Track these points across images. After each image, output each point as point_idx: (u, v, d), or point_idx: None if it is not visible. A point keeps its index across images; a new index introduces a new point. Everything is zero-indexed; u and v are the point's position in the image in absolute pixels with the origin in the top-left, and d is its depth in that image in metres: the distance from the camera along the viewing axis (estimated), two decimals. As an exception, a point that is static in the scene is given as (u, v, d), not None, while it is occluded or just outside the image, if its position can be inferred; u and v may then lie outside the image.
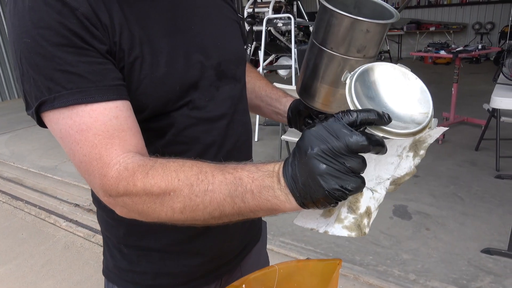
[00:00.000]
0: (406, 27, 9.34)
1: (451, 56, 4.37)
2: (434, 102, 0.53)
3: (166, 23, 0.67)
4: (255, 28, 5.08)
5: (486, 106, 3.71)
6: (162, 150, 0.67)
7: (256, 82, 0.97)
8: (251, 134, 0.85)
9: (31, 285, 2.36)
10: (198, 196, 0.53)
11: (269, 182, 0.51)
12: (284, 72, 5.22)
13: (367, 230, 0.58)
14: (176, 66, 0.66)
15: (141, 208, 0.56)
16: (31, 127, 5.59)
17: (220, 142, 0.74)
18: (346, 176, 0.47)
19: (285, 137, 3.34)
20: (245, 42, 0.88)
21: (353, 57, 0.64)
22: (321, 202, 0.48)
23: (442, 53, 4.62)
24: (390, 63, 0.56)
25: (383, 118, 0.48)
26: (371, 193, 0.60)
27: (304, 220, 0.63)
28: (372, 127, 0.49)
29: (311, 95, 0.74)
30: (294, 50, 4.55)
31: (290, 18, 4.62)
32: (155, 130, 0.68)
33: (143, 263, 0.78)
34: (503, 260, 2.22)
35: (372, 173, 0.60)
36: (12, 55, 0.59)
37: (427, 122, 0.51)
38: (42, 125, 0.61)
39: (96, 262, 2.53)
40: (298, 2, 5.70)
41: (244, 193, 0.52)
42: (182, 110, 0.68)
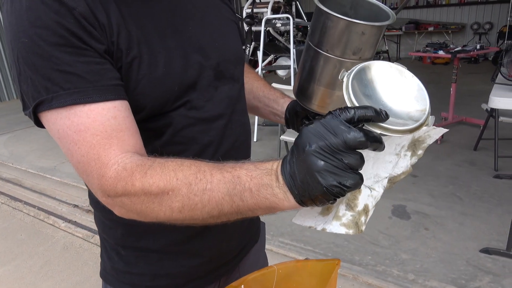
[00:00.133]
0: (405, 27, 9.36)
1: (450, 56, 4.38)
2: (432, 102, 0.54)
3: (164, 24, 0.67)
4: (254, 28, 5.09)
5: (484, 106, 3.72)
6: (160, 150, 0.67)
7: (254, 83, 0.97)
8: (250, 134, 0.85)
9: (30, 286, 2.36)
10: (196, 195, 0.53)
11: (267, 180, 0.51)
12: (283, 72, 5.22)
13: (364, 228, 0.58)
14: (174, 66, 0.66)
15: (139, 208, 0.56)
16: (30, 128, 5.58)
17: (217, 142, 0.74)
18: (344, 172, 0.46)
19: (284, 137, 3.34)
20: (243, 43, 0.87)
21: (349, 59, 0.64)
22: (319, 199, 0.48)
23: (441, 53, 4.64)
24: (387, 62, 0.56)
25: (381, 115, 0.48)
26: (369, 191, 0.60)
27: (302, 218, 0.63)
28: (369, 124, 0.49)
29: (308, 97, 0.74)
30: (292, 51, 4.55)
31: (288, 19, 4.62)
32: (153, 130, 0.68)
33: (141, 264, 0.77)
34: (502, 259, 2.22)
35: (370, 171, 0.60)
36: (9, 55, 0.59)
37: (424, 119, 0.51)
38: (39, 125, 0.60)
39: (95, 263, 2.53)
40: (297, 2, 5.71)
41: (242, 191, 0.52)
42: (180, 110, 0.68)
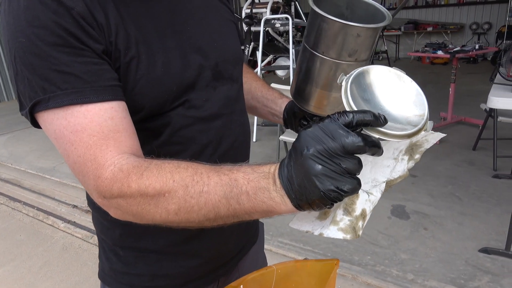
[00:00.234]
0: (404, 27, 9.37)
1: (449, 56, 4.39)
2: (431, 102, 0.53)
3: (164, 24, 0.66)
4: (253, 28, 5.09)
5: (483, 106, 3.72)
6: (158, 151, 0.67)
7: (252, 83, 0.97)
8: (249, 134, 0.85)
9: (29, 286, 2.35)
10: (193, 197, 0.53)
11: (264, 183, 0.50)
12: (282, 72, 5.23)
13: (361, 233, 0.58)
14: (173, 66, 0.66)
15: (135, 209, 0.55)
16: (29, 129, 5.57)
17: (216, 142, 0.73)
18: (341, 177, 0.46)
19: (283, 137, 3.34)
20: (242, 43, 0.87)
21: (344, 61, 0.64)
22: (316, 203, 0.47)
23: (440, 53, 4.64)
24: (386, 66, 0.55)
25: (379, 120, 0.48)
26: (367, 195, 0.59)
27: (299, 222, 0.62)
28: (368, 129, 0.48)
29: (305, 99, 0.74)
30: (292, 51, 4.55)
31: (288, 19, 4.62)
32: (151, 130, 0.67)
33: (140, 265, 0.77)
34: (501, 259, 2.22)
35: (368, 175, 0.60)
36: (6, 55, 0.59)
37: (423, 124, 0.51)
38: (36, 125, 0.60)
39: (94, 263, 2.52)
40: (296, 2, 5.71)
41: (239, 194, 0.51)
42: (178, 109, 0.68)
